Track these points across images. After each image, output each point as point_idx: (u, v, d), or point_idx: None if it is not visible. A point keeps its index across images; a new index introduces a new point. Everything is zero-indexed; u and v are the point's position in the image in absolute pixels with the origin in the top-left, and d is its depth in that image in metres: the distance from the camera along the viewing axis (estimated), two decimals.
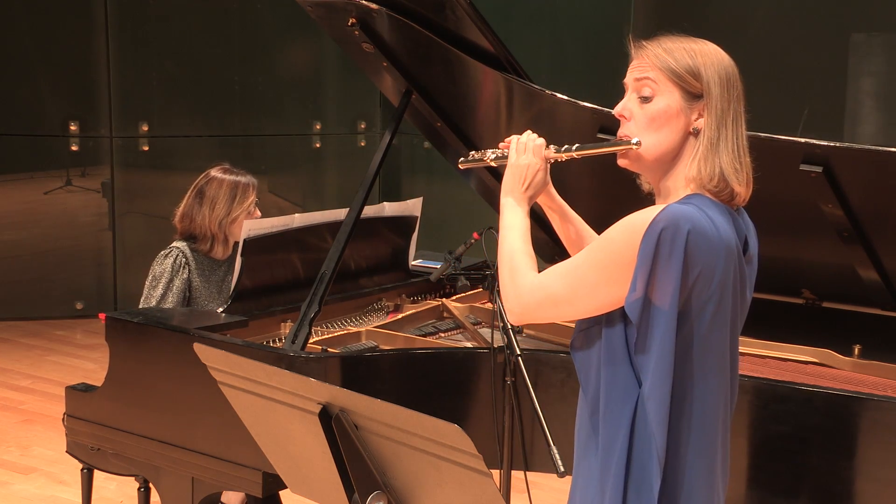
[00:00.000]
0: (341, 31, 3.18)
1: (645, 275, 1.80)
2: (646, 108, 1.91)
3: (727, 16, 6.48)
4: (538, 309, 1.93)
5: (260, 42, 7.57)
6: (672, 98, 1.89)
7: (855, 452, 2.47)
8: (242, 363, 1.97)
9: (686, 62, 1.89)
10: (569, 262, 1.93)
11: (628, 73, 1.95)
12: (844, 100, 6.14)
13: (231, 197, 3.53)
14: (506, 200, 2.06)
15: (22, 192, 7.61)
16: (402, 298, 3.74)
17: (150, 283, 3.52)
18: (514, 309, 1.96)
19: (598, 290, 1.86)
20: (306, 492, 2.11)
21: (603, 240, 1.88)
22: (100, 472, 3.38)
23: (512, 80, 2.99)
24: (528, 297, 1.93)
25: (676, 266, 1.79)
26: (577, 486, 2.01)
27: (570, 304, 1.90)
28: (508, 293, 1.96)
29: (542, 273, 1.95)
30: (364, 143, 8.02)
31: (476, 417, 2.89)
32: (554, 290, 1.90)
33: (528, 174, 2.05)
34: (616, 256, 1.83)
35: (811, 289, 3.13)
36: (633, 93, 1.93)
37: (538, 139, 2.08)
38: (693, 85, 1.89)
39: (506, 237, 2.02)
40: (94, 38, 7.23)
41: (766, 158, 2.77)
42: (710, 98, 1.90)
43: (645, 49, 1.92)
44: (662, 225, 1.79)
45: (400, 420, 1.71)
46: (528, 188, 2.06)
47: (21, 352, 6.59)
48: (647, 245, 1.79)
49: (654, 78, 1.90)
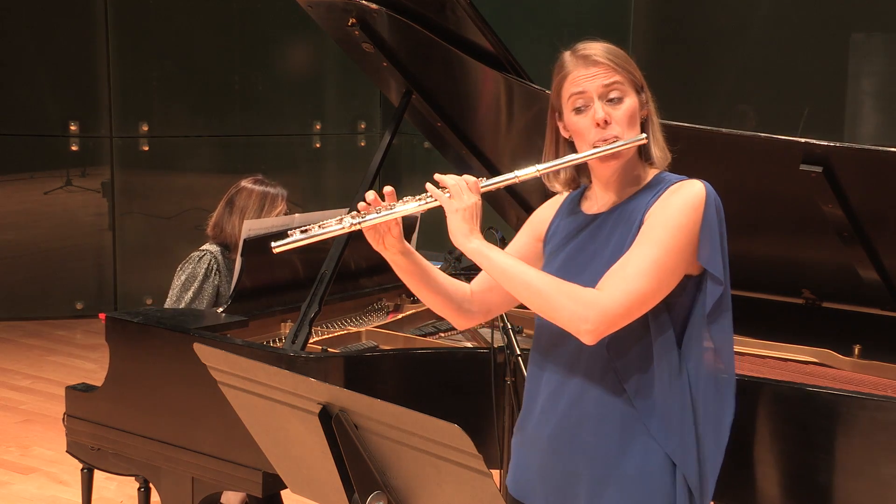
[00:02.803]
0: (341, 31, 3.18)
1: (718, 242, 1.98)
2: (622, 108, 2.04)
3: (727, 16, 6.48)
4: (627, 314, 1.97)
5: (260, 42, 7.57)
6: (633, 95, 2.06)
7: (855, 452, 2.47)
8: (242, 363, 1.97)
9: (629, 62, 2.07)
10: (640, 260, 1.96)
11: (584, 81, 2.03)
12: (844, 100, 6.15)
13: (260, 206, 3.56)
14: (474, 245, 2.02)
15: (22, 192, 7.61)
16: (402, 298, 3.74)
17: (182, 284, 3.50)
18: (598, 327, 1.95)
19: (678, 271, 1.99)
20: (306, 492, 2.11)
21: (670, 228, 1.97)
22: (100, 472, 3.38)
23: (512, 80, 2.99)
24: (614, 308, 1.95)
25: (725, 232, 2.02)
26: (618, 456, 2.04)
27: (656, 296, 1.98)
28: (580, 314, 1.95)
29: (613, 281, 1.96)
30: (364, 143, 8.03)
31: (476, 417, 2.89)
32: (642, 290, 1.95)
33: (473, 213, 2.04)
34: (689, 235, 1.97)
35: (811, 289, 3.13)
36: (600, 99, 2.03)
37: (469, 178, 2.06)
38: (638, 80, 2.07)
39: (522, 271, 2.01)
40: (94, 38, 7.23)
41: (766, 158, 2.79)
42: (646, 89, 2.09)
43: (597, 57, 2.04)
44: (713, 196, 1.99)
45: (400, 420, 1.71)
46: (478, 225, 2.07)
47: (21, 352, 6.60)
48: (711, 215, 1.98)
49: (620, 80, 2.03)
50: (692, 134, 2.83)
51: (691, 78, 6.56)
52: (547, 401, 2.12)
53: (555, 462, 2.10)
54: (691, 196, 1.99)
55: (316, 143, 7.92)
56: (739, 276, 3.16)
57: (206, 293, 3.49)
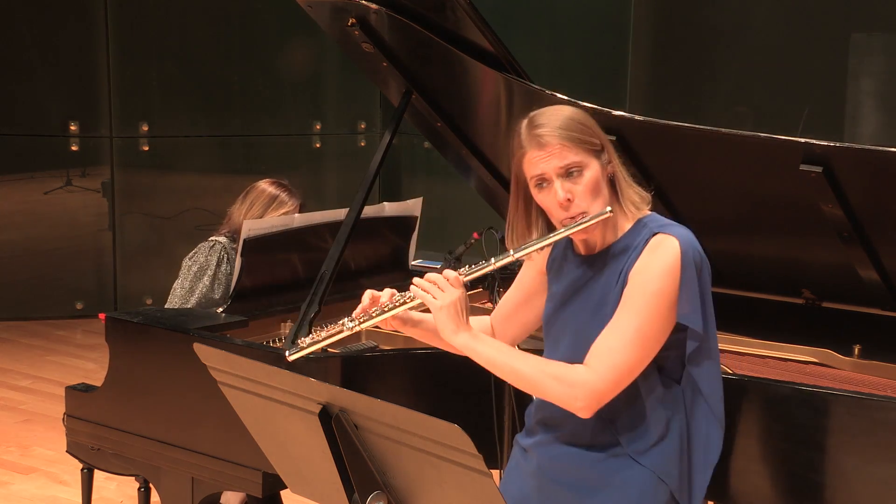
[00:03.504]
0: (341, 31, 3.18)
1: (698, 300, 2.04)
2: (582, 182, 2.06)
3: (727, 16, 6.48)
4: (616, 388, 2.03)
5: (260, 42, 7.56)
6: (594, 163, 2.08)
7: (855, 452, 2.47)
8: (242, 363, 1.97)
9: (585, 129, 2.07)
10: (622, 332, 2.02)
11: (541, 163, 2.06)
12: (844, 100, 6.14)
13: (268, 203, 3.61)
14: (462, 340, 2.09)
15: (22, 192, 7.61)
16: None
17: (194, 273, 3.50)
18: (589, 404, 2.03)
19: (661, 336, 2.05)
20: (306, 492, 2.11)
21: (649, 296, 2.02)
22: (100, 472, 3.38)
23: (512, 80, 2.99)
24: (602, 385, 2.02)
25: (708, 275, 2.08)
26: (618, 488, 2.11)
27: (642, 362, 2.04)
28: (570, 395, 2.03)
29: (598, 357, 2.03)
30: (364, 143, 8.02)
31: (476, 417, 2.89)
32: (628, 362, 2.02)
33: (460, 308, 2.09)
34: (670, 298, 2.02)
35: (811, 289, 3.13)
36: (559, 178, 2.06)
37: (450, 273, 2.11)
38: (597, 144, 2.09)
39: (507, 361, 2.08)
40: (94, 38, 7.23)
41: (766, 158, 2.79)
42: (608, 146, 2.12)
43: (549, 139, 2.05)
44: (691, 253, 2.04)
45: (400, 420, 1.71)
46: (467, 317, 2.12)
47: (21, 352, 6.59)
48: (689, 273, 2.03)
49: (576, 157, 2.05)
50: (692, 134, 2.83)
51: (691, 78, 6.56)
52: (539, 426, 2.22)
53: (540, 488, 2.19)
54: (667, 260, 2.03)
55: (316, 143, 7.92)
56: (739, 276, 3.18)
57: (220, 281, 3.50)
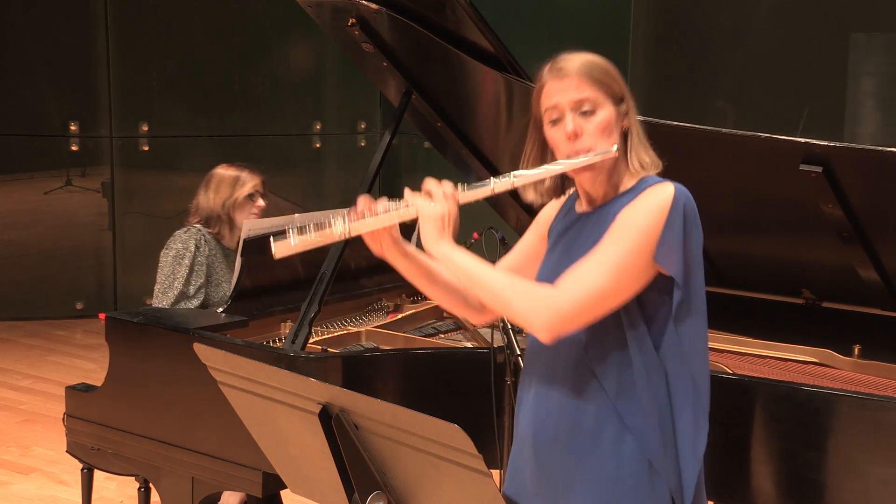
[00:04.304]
0: (341, 31, 3.18)
1: (680, 247, 1.98)
2: (593, 120, 2.05)
3: (727, 16, 6.48)
4: (582, 313, 1.97)
5: (260, 42, 7.56)
6: (609, 107, 2.06)
7: (855, 452, 2.47)
8: (242, 363, 1.97)
9: (607, 74, 2.07)
10: (600, 259, 1.97)
11: (557, 94, 2.06)
12: (844, 100, 6.14)
13: (233, 182, 3.66)
14: (442, 249, 2.05)
15: (22, 192, 7.61)
16: (402, 298, 3.74)
17: (172, 259, 3.53)
18: (552, 325, 1.97)
19: (640, 274, 1.99)
20: (306, 492, 2.11)
21: (632, 228, 1.98)
22: (100, 472, 3.38)
23: (512, 80, 2.99)
24: (567, 307, 1.96)
25: (699, 235, 2.02)
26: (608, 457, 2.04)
27: (615, 296, 1.98)
28: (533, 312, 1.97)
29: (570, 280, 1.98)
30: (364, 143, 8.03)
31: (476, 417, 2.89)
32: (598, 289, 1.96)
33: (448, 222, 2.06)
34: (652, 237, 1.97)
35: (811, 289, 3.13)
36: (573, 111, 2.05)
37: (447, 185, 2.09)
38: (617, 92, 2.07)
39: (480, 272, 2.03)
40: (94, 38, 7.23)
41: (766, 158, 2.79)
42: (629, 100, 2.10)
43: (569, 71, 2.06)
44: (683, 201, 1.99)
45: (400, 420, 1.71)
46: (452, 232, 2.08)
47: (21, 352, 6.59)
48: (676, 220, 1.98)
49: (592, 94, 2.05)
50: (692, 134, 2.83)
51: (691, 78, 6.56)
52: (532, 400, 2.14)
53: (537, 462, 2.12)
54: (659, 199, 2.00)
55: (316, 143, 7.92)
56: (740, 276, 3.18)
57: (199, 267, 3.52)
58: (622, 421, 2.02)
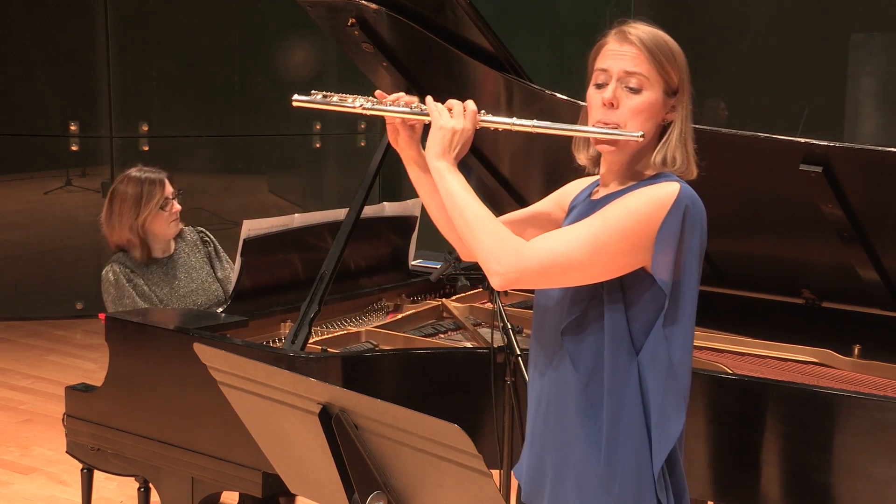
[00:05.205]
0: (341, 31, 3.18)
1: (673, 249, 1.90)
2: (634, 98, 1.96)
3: (727, 16, 6.48)
4: (542, 274, 1.91)
5: (260, 42, 7.57)
6: (657, 93, 1.97)
7: (855, 452, 2.47)
8: (242, 363, 1.97)
9: (672, 61, 1.97)
10: (581, 229, 1.91)
11: (612, 58, 1.97)
12: (844, 100, 6.15)
13: (135, 202, 3.52)
14: (440, 164, 2.01)
15: (22, 192, 7.61)
16: (402, 298, 3.74)
17: (113, 299, 3.46)
18: (507, 272, 1.90)
19: (616, 257, 1.90)
20: (306, 492, 2.11)
21: (623, 210, 1.91)
22: (100, 472, 3.38)
23: (512, 80, 2.99)
24: (530, 262, 1.90)
25: (699, 241, 1.93)
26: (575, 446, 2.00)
27: (582, 270, 1.91)
28: (495, 254, 1.91)
29: (544, 238, 1.93)
30: (364, 143, 8.02)
31: (476, 417, 2.89)
32: (567, 256, 1.89)
33: (458, 139, 2.02)
34: (639, 227, 1.89)
35: (811, 289, 3.13)
36: (619, 82, 1.96)
37: (471, 104, 2.05)
38: (673, 82, 1.98)
39: (464, 199, 1.97)
40: (94, 38, 7.23)
41: (766, 158, 2.79)
42: (684, 95, 2.00)
43: (634, 39, 1.96)
44: (686, 203, 1.90)
45: (400, 420, 1.71)
46: (458, 154, 2.03)
47: (21, 352, 6.59)
48: (674, 221, 1.89)
49: (646, 73, 1.95)
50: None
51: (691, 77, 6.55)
52: (531, 394, 2.13)
53: (531, 455, 2.11)
54: (660, 192, 1.91)
55: (316, 143, 7.92)
56: (739, 276, 3.18)
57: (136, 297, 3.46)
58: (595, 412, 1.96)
